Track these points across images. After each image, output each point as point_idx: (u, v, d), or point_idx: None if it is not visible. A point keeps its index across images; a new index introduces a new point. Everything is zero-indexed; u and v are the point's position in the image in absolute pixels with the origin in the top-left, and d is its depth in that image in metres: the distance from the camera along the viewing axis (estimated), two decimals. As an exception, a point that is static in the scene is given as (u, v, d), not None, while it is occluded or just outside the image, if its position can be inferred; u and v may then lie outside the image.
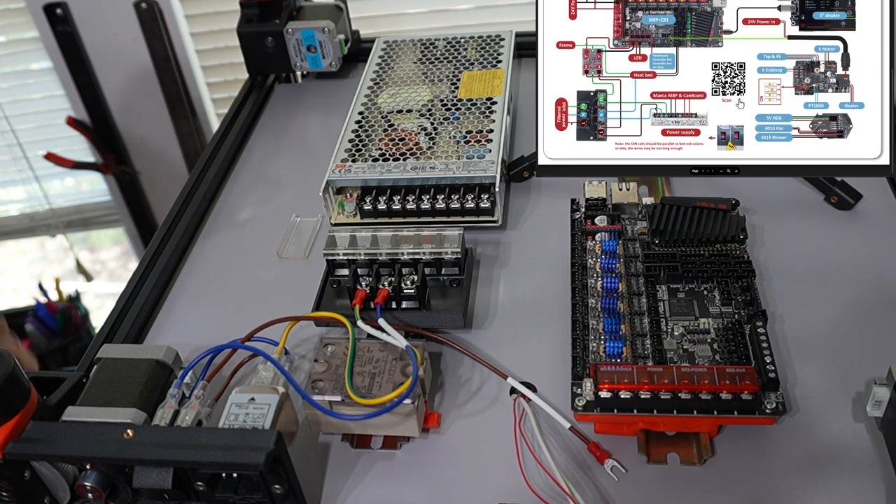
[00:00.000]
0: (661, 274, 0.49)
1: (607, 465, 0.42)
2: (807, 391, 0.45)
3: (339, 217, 0.60)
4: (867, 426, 0.43)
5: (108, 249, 2.26)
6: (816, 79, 0.50)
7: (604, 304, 0.47)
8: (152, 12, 1.42)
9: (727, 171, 0.51)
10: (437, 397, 0.48)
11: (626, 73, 0.51)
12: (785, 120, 0.50)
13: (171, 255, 0.60)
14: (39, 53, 1.69)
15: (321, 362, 0.45)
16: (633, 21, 0.51)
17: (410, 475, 0.44)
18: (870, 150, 0.50)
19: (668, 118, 0.51)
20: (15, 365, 0.38)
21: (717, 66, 0.50)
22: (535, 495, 0.41)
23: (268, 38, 0.76)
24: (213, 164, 0.69)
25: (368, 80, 0.69)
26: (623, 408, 0.41)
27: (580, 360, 0.44)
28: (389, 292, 0.49)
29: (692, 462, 0.42)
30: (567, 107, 0.51)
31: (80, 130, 1.67)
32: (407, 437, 0.45)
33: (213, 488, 0.39)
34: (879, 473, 0.41)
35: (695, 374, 0.41)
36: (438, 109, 0.64)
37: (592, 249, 0.51)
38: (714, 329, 0.46)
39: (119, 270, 2.19)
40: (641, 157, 0.51)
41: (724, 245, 0.50)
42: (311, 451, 0.45)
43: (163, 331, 0.55)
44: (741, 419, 0.41)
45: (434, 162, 0.58)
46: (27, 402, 0.39)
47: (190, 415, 0.42)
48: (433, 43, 0.73)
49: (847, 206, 0.58)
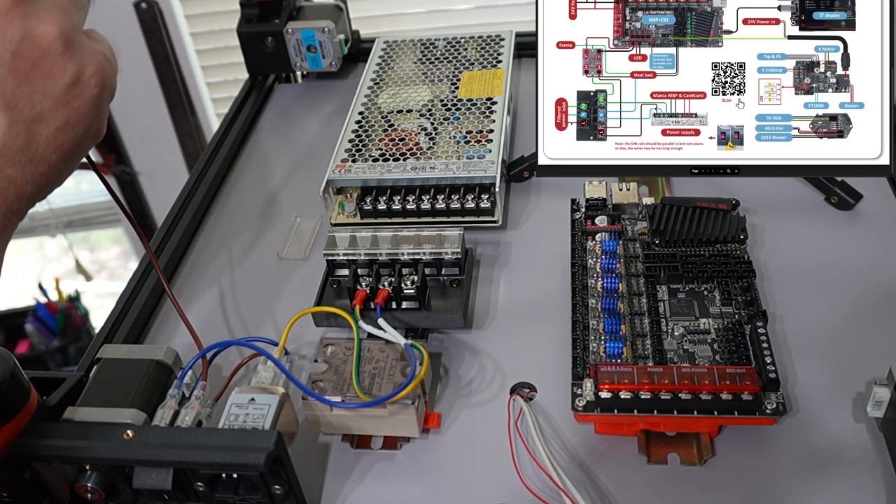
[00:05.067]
0: (662, 274, 0.49)
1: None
2: (807, 391, 0.45)
3: (339, 217, 0.60)
4: (867, 426, 0.43)
5: (107, 249, 2.26)
6: (816, 79, 0.50)
7: (604, 305, 0.47)
8: (152, 12, 1.42)
9: (727, 171, 0.51)
10: (437, 397, 0.48)
11: (626, 73, 0.51)
12: (785, 120, 0.50)
13: (171, 255, 0.60)
14: (39, 53, 1.69)
15: (321, 363, 0.45)
16: (633, 21, 0.51)
17: (410, 475, 0.44)
18: (870, 150, 0.50)
19: (668, 118, 0.51)
20: (15, 365, 0.38)
21: (717, 66, 0.50)
22: (533, 496, 0.41)
23: (268, 38, 0.76)
24: (213, 164, 0.69)
25: (368, 80, 0.69)
26: (623, 408, 0.41)
27: (580, 361, 0.44)
28: (389, 292, 0.49)
29: (692, 462, 0.42)
30: (567, 107, 0.51)
31: (80, 130, 1.67)
32: (407, 438, 0.45)
33: (213, 489, 0.39)
34: (879, 473, 0.41)
35: (695, 374, 0.41)
36: (438, 109, 0.64)
37: (592, 249, 0.51)
38: (714, 329, 0.46)
39: (119, 270, 2.19)
40: (641, 157, 0.51)
41: (725, 245, 0.50)
42: (311, 451, 0.45)
43: (163, 331, 0.55)
44: (741, 419, 0.41)
45: (434, 162, 0.58)
46: (27, 403, 0.39)
47: (190, 415, 0.42)
48: (433, 43, 0.73)
49: (847, 206, 0.58)
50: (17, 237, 2.18)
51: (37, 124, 0.33)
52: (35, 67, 0.33)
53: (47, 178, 0.34)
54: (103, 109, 0.36)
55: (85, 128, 0.35)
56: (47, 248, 2.27)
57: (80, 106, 0.34)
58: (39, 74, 0.33)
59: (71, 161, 0.35)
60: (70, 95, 0.34)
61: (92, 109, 0.35)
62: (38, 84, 0.33)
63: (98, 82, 0.35)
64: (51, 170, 0.34)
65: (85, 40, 0.35)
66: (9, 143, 0.32)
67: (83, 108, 0.34)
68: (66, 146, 0.34)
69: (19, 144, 0.33)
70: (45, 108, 0.33)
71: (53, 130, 0.34)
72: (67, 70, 0.33)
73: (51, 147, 0.34)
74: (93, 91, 0.34)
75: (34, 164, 0.33)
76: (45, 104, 0.33)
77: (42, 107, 0.33)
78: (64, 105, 0.34)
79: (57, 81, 0.33)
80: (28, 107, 0.33)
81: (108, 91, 0.36)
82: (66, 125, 0.34)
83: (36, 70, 0.33)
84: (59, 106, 0.33)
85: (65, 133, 0.34)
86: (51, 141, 0.34)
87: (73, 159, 0.35)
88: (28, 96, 0.33)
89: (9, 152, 0.32)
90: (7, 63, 0.32)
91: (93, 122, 0.35)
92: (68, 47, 0.33)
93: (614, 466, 0.43)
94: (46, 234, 2.18)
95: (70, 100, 0.34)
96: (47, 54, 0.33)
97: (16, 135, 0.32)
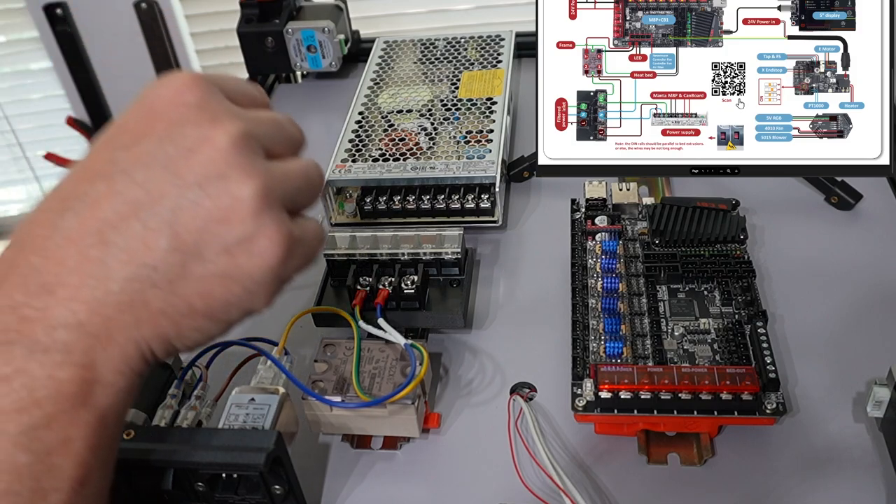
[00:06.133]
0: (662, 274, 0.49)
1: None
2: (807, 391, 0.45)
3: (339, 217, 0.60)
4: (867, 426, 0.43)
5: (108, 249, 2.26)
6: (816, 79, 0.50)
7: (604, 305, 0.47)
8: (152, 12, 1.42)
9: (727, 171, 0.51)
10: (437, 397, 0.48)
11: (626, 73, 0.51)
12: (785, 120, 0.50)
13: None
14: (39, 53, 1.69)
15: (321, 363, 0.45)
16: (633, 21, 0.51)
17: (410, 475, 0.44)
18: (870, 150, 0.50)
19: (668, 118, 0.51)
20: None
21: (717, 66, 0.50)
22: (533, 496, 0.41)
23: (268, 38, 0.76)
24: (213, 164, 0.69)
25: (368, 80, 0.69)
26: (623, 408, 0.41)
27: (580, 361, 0.44)
28: (389, 292, 0.49)
29: (692, 462, 0.42)
30: (567, 107, 0.51)
31: (80, 130, 1.67)
32: (407, 438, 0.45)
33: (213, 489, 0.39)
34: (879, 473, 0.41)
35: (695, 374, 0.41)
36: (438, 109, 0.64)
37: (592, 249, 0.51)
38: (714, 329, 0.46)
39: (119, 270, 2.19)
40: (641, 157, 0.51)
41: (725, 245, 0.50)
42: (311, 451, 0.45)
43: (163, 331, 0.55)
44: (741, 419, 0.41)
45: (434, 162, 0.58)
46: (27, 403, 0.39)
47: (190, 415, 0.42)
48: (433, 43, 0.73)
49: (847, 206, 0.58)
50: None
51: (194, 260, 0.31)
52: (216, 210, 0.31)
53: (184, 322, 0.31)
54: (270, 288, 0.33)
55: (241, 291, 0.32)
56: (47, 248, 2.27)
57: (247, 267, 0.31)
58: (217, 216, 0.31)
59: (213, 318, 0.32)
60: (239, 250, 0.31)
61: (257, 278, 0.32)
62: (213, 225, 0.31)
63: (277, 258, 0.32)
64: (190, 315, 0.31)
65: (283, 214, 0.33)
66: (161, 268, 0.30)
67: (248, 271, 0.32)
68: (214, 298, 0.32)
69: (170, 273, 0.30)
70: (210, 249, 0.31)
71: (208, 275, 0.31)
72: (247, 227, 0.31)
73: (198, 290, 0.31)
74: (267, 261, 0.32)
75: (177, 299, 0.31)
76: (211, 246, 0.31)
77: (207, 246, 0.31)
78: (229, 256, 0.31)
79: (232, 231, 0.31)
80: (193, 240, 0.31)
81: (285, 273, 0.33)
82: (224, 277, 0.31)
83: (215, 212, 0.31)
84: (223, 254, 0.31)
85: (218, 284, 0.31)
86: (201, 284, 0.31)
87: (216, 318, 0.32)
88: (197, 231, 0.31)
89: (157, 275, 0.30)
90: (192, 196, 0.31)
91: (253, 291, 0.32)
92: (260, 210, 0.31)
93: (614, 466, 0.43)
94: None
95: (238, 255, 0.31)
96: (234, 204, 0.31)
97: (171, 262, 0.30)
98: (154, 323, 0.31)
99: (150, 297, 0.30)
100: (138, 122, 0.33)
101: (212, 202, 0.31)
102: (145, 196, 0.31)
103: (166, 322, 0.31)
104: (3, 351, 0.29)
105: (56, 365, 0.29)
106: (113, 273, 0.30)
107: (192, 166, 0.31)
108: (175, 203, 0.31)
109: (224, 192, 0.31)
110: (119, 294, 0.30)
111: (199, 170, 0.31)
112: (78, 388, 0.29)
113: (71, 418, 0.29)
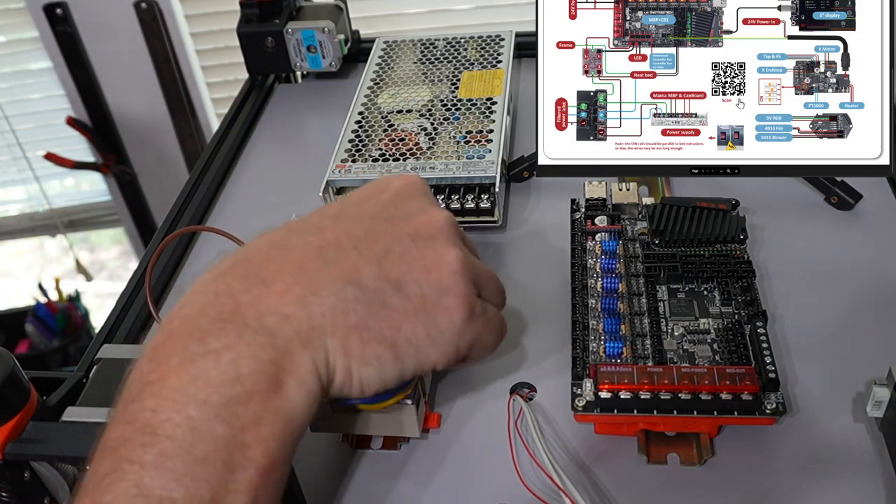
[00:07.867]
0: (661, 274, 0.49)
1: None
2: (807, 391, 0.45)
3: (339, 217, 0.59)
4: (867, 426, 0.43)
5: (107, 249, 2.26)
6: (816, 79, 0.50)
7: (604, 305, 0.47)
8: (152, 12, 1.42)
9: (727, 171, 0.51)
10: (437, 397, 0.48)
11: (626, 73, 0.51)
12: (785, 120, 0.50)
13: (170, 256, 0.60)
14: (39, 53, 1.69)
15: (321, 362, 0.45)
16: (633, 21, 0.51)
17: (410, 475, 0.44)
18: (870, 150, 0.50)
19: (668, 118, 0.51)
20: (15, 365, 0.38)
21: (717, 66, 0.50)
22: (533, 496, 0.41)
23: (268, 38, 0.76)
24: (213, 164, 0.69)
25: (368, 80, 0.69)
26: (623, 408, 0.41)
27: (580, 361, 0.44)
28: (389, 292, 0.49)
29: (692, 462, 0.42)
30: (567, 107, 0.51)
31: (79, 130, 1.67)
32: (407, 438, 0.45)
33: (213, 488, 0.39)
34: (879, 473, 0.41)
35: (695, 374, 0.41)
36: (438, 109, 0.64)
37: (592, 250, 0.51)
38: (714, 329, 0.46)
39: (119, 270, 2.19)
40: (641, 157, 0.51)
41: (724, 245, 0.50)
42: (311, 451, 0.45)
43: (163, 331, 0.55)
44: (741, 419, 0.41)
45: (434, 162, 0.58)
46: (27, 403, 0.39)
47: (190, 415, 0.42)
48: (433, 43, 0.73)
49: (847, 206, 0.58)
50: (18, 237, 2.18)
51: (395, 292, 0.35)
52: (422, 259, 0.36)
53: (369, 344, 0.34)
54: (447, 346, 0.37)
55: (423, 334, 0.36)
56: (47, 248, 2.27)
57: (434, 314, 0.36)
58: (422, 264, 0.36)
59: (394, 351, 0.35)
60: (432, 297, 0.36)
61: (441, 327, 0.36)
62: (417, 270, 0.36)
63: (461, 315, 0.37)
64: (377, 340, 0.35)
65: (473, 287, 0.38)
66: (367, 289, 0.34)
67: (434, 317, 0.36)
68: (401, 332, 0.35)
69: (373, 297, 0.35)
70: (409, 288, 0.36)
71: (402, 309, 0.35)
72: (443, 279, 0.36)
73: (390, 319, 0.35)
74: (451, 316, 0.36)
75: (371, 321, 0.34)
76: (411, 286, 0.36)
77: (407, 285, 0.36)
78: (423, 299, 0.36)
79: (431, 278, 0.36)
80: (397, 276, 0.35)
81: (462, 339, 0.37)
82: (414, 316, 0.35)
83: (421, 261, 0.36)
84: (419, 296, 0.36)
85: (407, 320, 0.35)
86: (394, 315, 0.35)
87: (396, 353, 0.35)
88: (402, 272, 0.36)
89: (361, 294, 0.34)
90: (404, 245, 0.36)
91: (433, 340, 0.36)
92: (457, 272, 0.36)
93: (614, 466, 0.43)
94: (46, 234, 2.18)
95: (429, 300, 0.36)
96: (438, 259, 0.36)
97: (375, 288, 0.35)
98: (345, 335, 0.34)
99: (350, 309, 0.34)
100: (370, 191, 0.40)
101: (419, 253, 0.36)
102: (365, 236, 0.36)
103: (356, 338, 0.34)
104: (217, 328, 0.32)
105: (260, 346, 0.31)
106: (324, 281, 0.34)
107: (410, 224, 0.37)
108: (389, 247, 0.36)
109: (431, 249, 0.36)
110: (325, 297, 0.34)
111: (415, 230, 0.37)
112: (275, 373, 0.32)
113: (265, 399, 0.31)
